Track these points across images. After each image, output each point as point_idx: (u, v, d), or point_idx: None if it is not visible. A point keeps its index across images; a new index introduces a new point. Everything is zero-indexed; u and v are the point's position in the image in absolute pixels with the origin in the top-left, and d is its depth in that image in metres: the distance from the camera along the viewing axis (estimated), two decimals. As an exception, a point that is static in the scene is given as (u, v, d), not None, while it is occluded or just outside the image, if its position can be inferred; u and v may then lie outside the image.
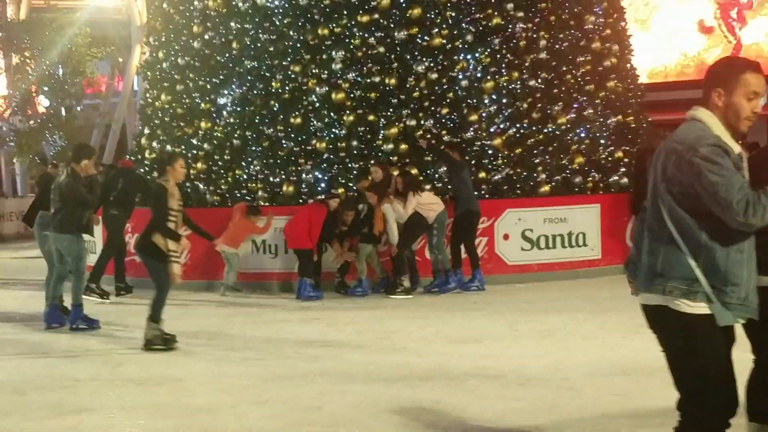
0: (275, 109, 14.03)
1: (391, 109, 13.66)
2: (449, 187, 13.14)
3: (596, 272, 13.62)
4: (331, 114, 13.70)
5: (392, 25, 13.78)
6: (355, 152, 13.58)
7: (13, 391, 7.55)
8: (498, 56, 14.07)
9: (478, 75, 13.98)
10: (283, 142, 13.88)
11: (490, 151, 13.76)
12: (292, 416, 6.58)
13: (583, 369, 7.65)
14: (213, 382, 7.70)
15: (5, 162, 34.30)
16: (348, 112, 13.65)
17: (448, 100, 13.78)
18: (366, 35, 13.77)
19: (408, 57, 13.77)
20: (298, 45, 13.99)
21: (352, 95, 13.71)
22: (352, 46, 13.78)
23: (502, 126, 13.98)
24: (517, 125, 14.05)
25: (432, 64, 13.76)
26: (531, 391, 7.01)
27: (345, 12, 13.83)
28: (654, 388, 6.76)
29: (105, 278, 13.18)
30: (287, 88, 13.99)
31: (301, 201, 13.43)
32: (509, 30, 14.20)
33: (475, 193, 13.25)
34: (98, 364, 8.61)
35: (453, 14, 13.90)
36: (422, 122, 13.61)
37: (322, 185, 13.53)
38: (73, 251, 10.37)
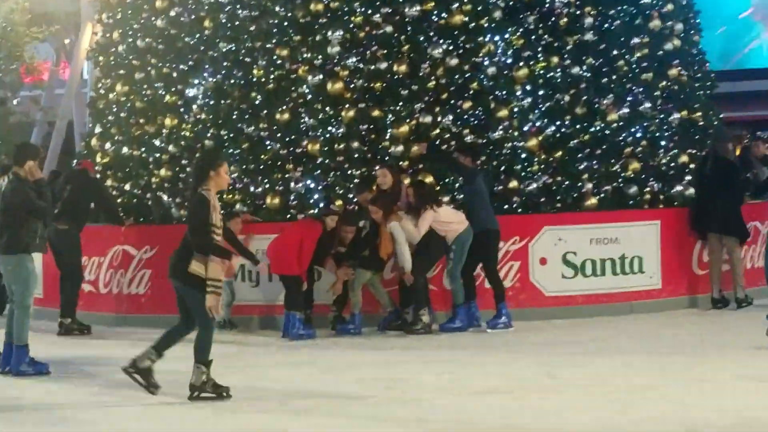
0: (257, 102, 14.07)
1: (400, 103, 13.68)
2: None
3: (655, 305, 13.63)
4: (327, 109, 13.72)
5: (402, -1, 13.83)
6: (355, 156, 13.59)
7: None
8: (533, 37, 14.10)
9: (509, 61, 14.00)
10: (267, 143, 13.91)
11: (523, 155, 13.77)
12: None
13: (639, 427, 7.60)
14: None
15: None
16: (347, 106, 13.67)
17: (471, 92, 13.81)
18: (370, 11, 13.80)
19: (422, 38, 13.81)
20: (286, 23, 14.03)
21: (352, 85, 13.74)
22: (352, 25, 13.81)
23: (538, 124, 14.00)
24: (557, 123, 14.07)
25: (451, 48, 13.78)
26: (574, 454, 7.01)
27: (344, -18, 13.90)
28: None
29: (50, 312, 13.18)
30: (272, 76, 14.02)
31: (288, 216, 13.44)
32: (547, 5, 14.24)
33: (505, 206, 13.27)
34: (40, 419, 8.55)
35: (477, -15, 13.96)
36: (439, 119, 13.63)
37: (316, 197, 13.54)
38: (20, 276, 10.30)
